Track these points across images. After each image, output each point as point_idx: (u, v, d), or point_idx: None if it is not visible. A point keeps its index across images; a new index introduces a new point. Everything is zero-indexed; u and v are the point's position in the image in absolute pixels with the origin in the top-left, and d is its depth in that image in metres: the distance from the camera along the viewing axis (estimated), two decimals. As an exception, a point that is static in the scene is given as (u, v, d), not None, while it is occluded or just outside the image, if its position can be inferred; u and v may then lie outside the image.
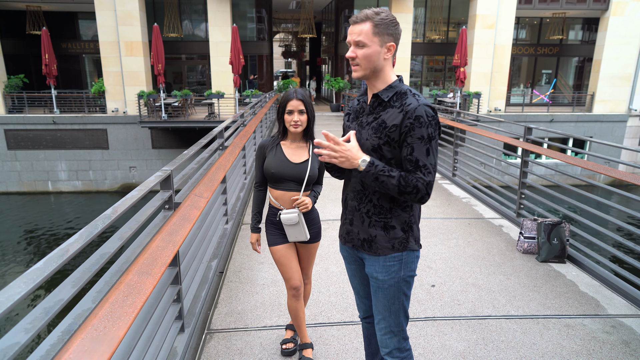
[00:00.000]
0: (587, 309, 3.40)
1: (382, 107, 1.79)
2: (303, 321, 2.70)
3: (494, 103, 18.77)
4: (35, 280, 1.27)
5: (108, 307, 1.48)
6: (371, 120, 1.81)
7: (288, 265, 2.60)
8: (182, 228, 2.31)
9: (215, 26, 17.91)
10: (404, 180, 1.69)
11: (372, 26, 1.69)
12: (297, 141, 2.57)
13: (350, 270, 2.10)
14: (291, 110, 2.46)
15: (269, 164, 2.53)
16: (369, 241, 1.87)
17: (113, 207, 1.90)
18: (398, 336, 1.92)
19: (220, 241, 4.28)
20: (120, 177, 17.33)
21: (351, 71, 1.80)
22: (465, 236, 4.95)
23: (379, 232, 1.84)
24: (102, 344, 1.29)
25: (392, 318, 1.90)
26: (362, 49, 1.71)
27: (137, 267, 1.79)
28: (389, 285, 1.86)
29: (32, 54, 19.90)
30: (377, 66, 1.74)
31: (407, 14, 18.35)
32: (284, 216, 2.51)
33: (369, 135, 1.79)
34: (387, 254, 1.84)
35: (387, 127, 1.74)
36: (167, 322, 2.40)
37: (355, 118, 1.91)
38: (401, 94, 1.77)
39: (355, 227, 1.91)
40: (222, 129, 4.68)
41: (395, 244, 1.83)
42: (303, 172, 2.51)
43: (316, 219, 2.67)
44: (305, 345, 2.73)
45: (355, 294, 2.17)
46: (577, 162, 4.79)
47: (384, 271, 1.85)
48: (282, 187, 2.53)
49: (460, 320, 3.21)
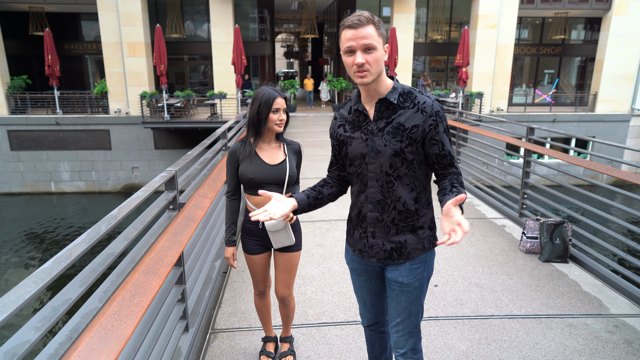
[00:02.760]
0: (590, 308, 3.40)
1: (391, 110, 1.73)
2: (268, 317, 2.78)
3: (496, 103, 18.74)
4: (45, 280, 1.29)
5: (115, 306, 1.50)
6: (383, 126, 1.73)
7: (259, 274, 2.61)
8: (187, 228, 2.33)
9: (217, 27, 17.95)
10: (456, 178, 1.75)
11: (375, 28, 1.63)
12: (271, 142, 2.44)
13: (358, 281, 2.02)
14: (277, 108, 2.34)
15: (245, 169, 2.37)
16: (397, 249, 1.80)
17: (119, 208, 1.92)
18: (414, 337, 1.90)
19: (223, 241, 4.30)
20: (123, 178, 17.37)
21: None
22: (467, 236, 4.96)
23: (409, 236, 1.79)
24: (110, 343, 1.31)
25: (411, 320, 1.87)
26: (371, 53, 1.63)
27: (143, 266, 1.81)
28: (413, 287, 1.83)
29: (35, 55, 19.95)
30: (382, 69, 1.70)
31: (409, 14, 18.35)
32: (268, 222, 2.37)
33: (387, 141, 1.72)
34: (418, 256, 1.81)
35: (407, 129, 1.70)
36: (171, 322, 2.42)
37: (355, 128, 1.80)
38: (407, 94, 1.74)
39: (378, 239, 1.82)
40: (225, 129, 4.70)
41: (425, 243, 1.81)
42: (282, 173, 2.39)
43: (297, 224, 2.55)
44: (272, 339, 2.83)
45: (361, 304, 2.09)
46: (580, 162, 4.80)
47: (409, 275, 1.82)
48: None
49: (463, 319, 3.22)
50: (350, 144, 1.82)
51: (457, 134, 8.02)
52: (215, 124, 15.66)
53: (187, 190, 3.02)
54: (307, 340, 2.96)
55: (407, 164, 1.73)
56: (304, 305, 3.39)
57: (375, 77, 1.68)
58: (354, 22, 1.62)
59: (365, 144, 1.76)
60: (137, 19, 16.76)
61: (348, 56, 1.67)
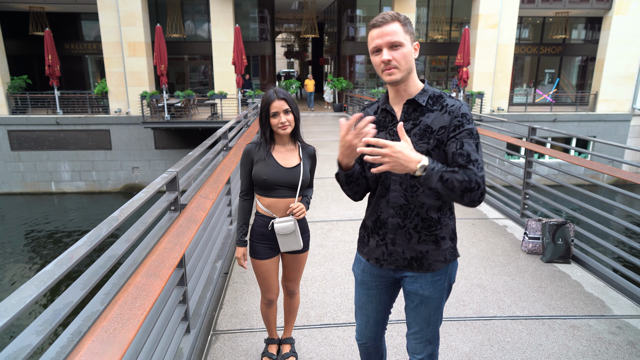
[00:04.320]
0: (593, 309, 3.39)
1: (419, 112, 1.68)
2: (274, 322, 2.74)
3: (497, 103, 18.73)
4: (46, 283, 1.27)
5: (117, 309, 1.48)
6: (410, 128, 1.67)
7: (269, 280, 2.54)
8: (189, 230, 2.31)
9: (217, 26, 17.94)
10: (466, 175, 1.52)
11: (401, 25, 1.59)
12: (287, 144, 2.43)
13: (367, 296, 1.91)
14: (276, 112, 2.30)
15: (259, 170, 2.35)
16: (418, 259, 1.73)
17: (120, 210, 1.90)
18: (433, 344, 1.86)
19: (224, 242, 4.29)
20: (123, 178, 17.37)
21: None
22: (469, 236, 4.95)
23: (430, 247, 1.72)
24: (112, 346, 1.30)
25: (430, 329, 1.82)
26: (398, 50, 1.59)
27: (144, 269, 1.80)
28: (434, 299, 1.77)
29: (35, 55, 19.96)
30: (412, 66, 1.64)
31: (410, 14, 18.35)
32: (278, 225, 2.36)
33: (413, 143, 1.63)
34: (439, 269, 1.74)
35: (434, 131, 1.63)
36: (173, 324, 2.41)
37: (381, 128, 1.74)
38: (437, 97, 1.68)
39: (399, 246, 1.74)
40: (226, 129, 4.68)
41: (447, 255, 1.75)
42: (296, 177, 2.37)
43: (306, 227, 2.55)
44: (275, 341, 2.79)
45: (364, 321, 1.97)
46: (581, 162, 4.78)
47: (431, 287, 1.76)
48: (273, 195, 2.38)
49: (465, 321, 3.21)
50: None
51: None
52: (216, 124, 15.66)
53: (188, 191, 3.00)
54: (309, 341, 2.94)
55: None
56: (306, 307, 3.38)
57: (405, 74, 1.63)
58: (378, 20, 1.60)
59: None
60: (137, 19, 16.75)
61: (375, 55, 1.63)
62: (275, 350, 2.78)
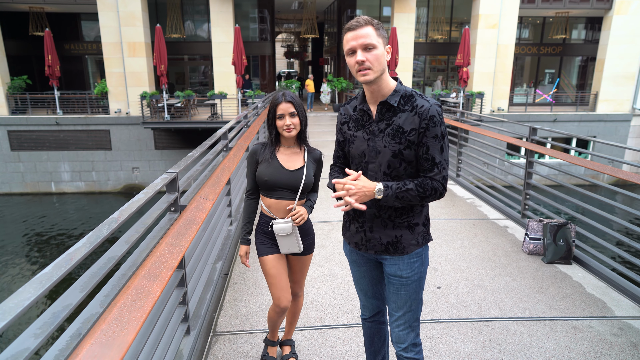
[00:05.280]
0: (594, 310, 3.38)
1: (392, 113, 1.82)
2: (278, 327, 2.71)
3: (497, 103, 18.71)
4: (45, 285, 1.26)
5: (117, 311, 1.47)
6: (384, 127, 1.82)
7: (278, 279, 2.45)
8: (189, 231, 2.30)
9: (217, 27, 17.92)
10: (421, 187, 1.77)
11: (374, 29, 1.72)
12: (292, 147, 2.45)
13: (359, 272, 2.10)
14: (282, 114, 2.33)
15: (262, 171, 2.40)
16: (393, 243, 1.90)
17: (120, 211, 1.89)
18: (415, 331, 1.98)
19: (224, 243, 4.27)
20: (123, 178, 17.35)
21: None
22: (470, 237, 4.93)
23: (404, 232, 1.89)
24: (111, 349, 1.29)
25: (412, 313, 1.96)
26: (371, 52, 1.72)
27: (144, 270, 1.79)
28: (412, 281, 1.92)
29: (35, 55, 19.93)
30: (384, 68, 1.77)
31: (410, 14, 18.32)
32: (276, 226, 2.38)
33: (386, 143, 1.81)
34: (412, 251, 1.90)
35: (405, 132, 1.78)
36: (173, 325, 2.39)
37: (359, 127, 1.91)
38: (408, 97, 1.81)
39: (376, 232, 1.92)
40: (226, 130, 4.66)
41: (419, 239, 1.91)
42: (298, 179, 2.38)
43: (310, 229, 2.54)
44: (275, 343, 2.77)
45: (363, 295, 2.17)
46: (581, 162, 4.77)
47: (408, 268, 1.91)
48: (275, 196, 2.40)
49: (466, 322, 3.20)
50: (352, 142, 1.92)
51: (458, 134, 7.99)
52: (216, 124, 15.64)
53: (188, 192, 2.99)
54: (310, 343, 2.93)
55: (405, 165, 1.81)
56: (306, 308, 3.37)
57: (378, 75, 1.75)
58: (353, 24, 1.73)
59: (366, 144, 1.86)
60: (137, 19, 16.74)
61: (350, 57, 1.76)
62: (275, 351, 2.77)
